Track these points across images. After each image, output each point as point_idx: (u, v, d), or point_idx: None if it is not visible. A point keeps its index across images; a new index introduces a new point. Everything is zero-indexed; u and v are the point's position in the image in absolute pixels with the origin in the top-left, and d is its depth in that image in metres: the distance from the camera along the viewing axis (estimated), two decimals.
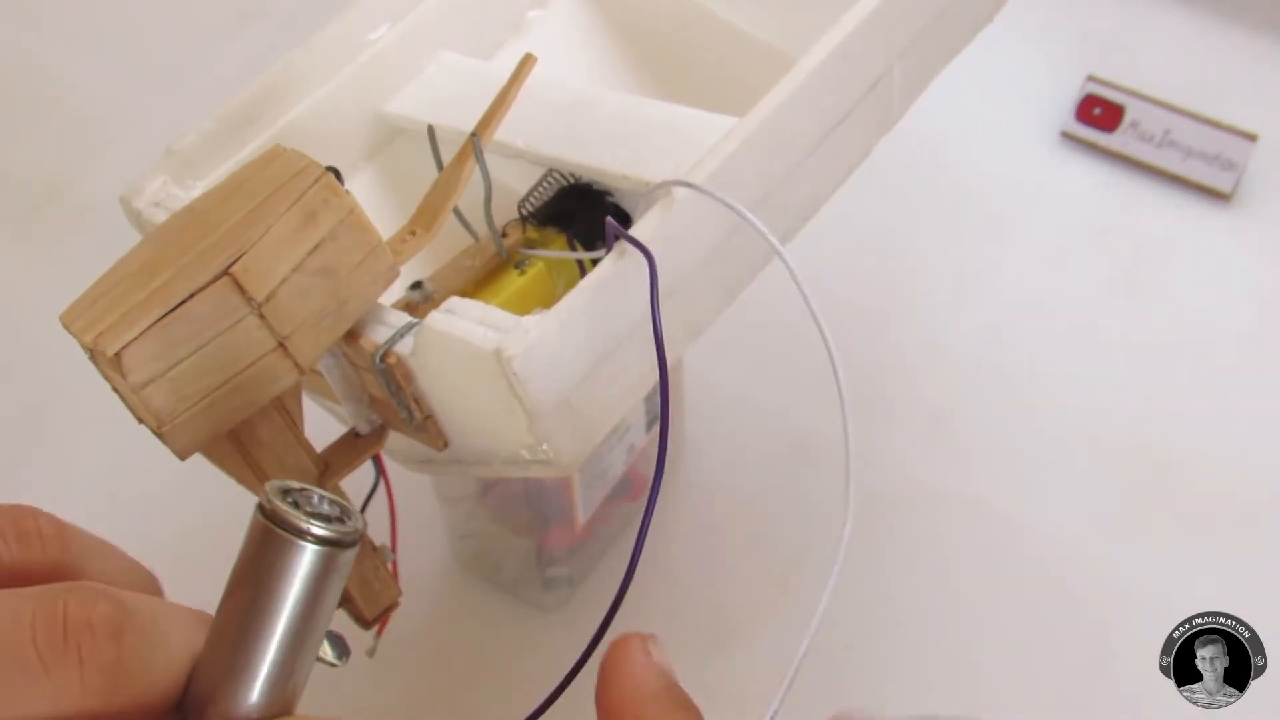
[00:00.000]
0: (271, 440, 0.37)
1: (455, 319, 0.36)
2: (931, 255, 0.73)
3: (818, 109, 0.43)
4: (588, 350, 0.37)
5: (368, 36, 0.49)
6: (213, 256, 0.34)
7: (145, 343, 0.33)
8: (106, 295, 0.34)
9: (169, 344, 0.33)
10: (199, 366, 0.33)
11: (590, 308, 0.36)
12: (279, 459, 0.38)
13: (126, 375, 0.33)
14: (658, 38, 0.57)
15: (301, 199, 0.35)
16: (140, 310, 0.33)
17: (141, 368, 0.33)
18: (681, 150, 0.44)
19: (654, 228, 0.37)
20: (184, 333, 0.33)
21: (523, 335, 0.35)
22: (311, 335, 0.35)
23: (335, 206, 0.35)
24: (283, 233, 0.34)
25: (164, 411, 0.34)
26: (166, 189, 0.44)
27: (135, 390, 0.33)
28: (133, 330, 0.33)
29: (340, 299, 0.36)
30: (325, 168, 0.37)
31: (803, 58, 0.41)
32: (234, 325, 0.33)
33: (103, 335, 0.33)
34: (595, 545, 0.61)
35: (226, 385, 0.34)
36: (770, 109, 0.40)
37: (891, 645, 0.59)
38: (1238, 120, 0.75)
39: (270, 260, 0.34)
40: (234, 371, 0.34)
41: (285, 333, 0.34)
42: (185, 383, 0.33)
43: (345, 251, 0.36)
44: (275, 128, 0.47)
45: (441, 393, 0.38)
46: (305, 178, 0.35)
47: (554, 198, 0.49)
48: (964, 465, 0.65)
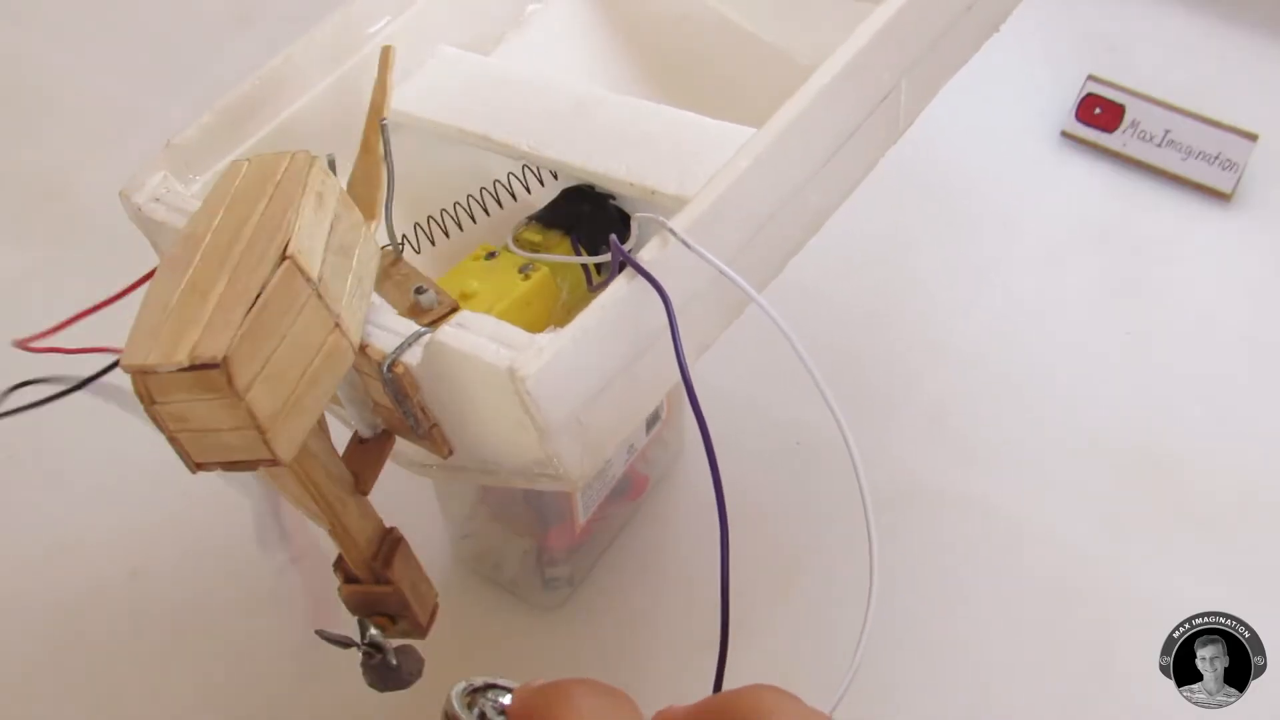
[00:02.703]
0: (318, 450, 0.37)
1: (467, 334, 0.36)
2: (932, 254, 0.73)
3: (827, 126, 0.42)
4: (599, 369, 0.37)
5: (367, 30, 0.49)
6: (263, 249, 0.33)
7: (245, 344, 0.31)
8: (164, 325, 0.32)
9: (261, 338, 0.32)
10: (286, 358, 0.33)
11: (602, 328, 0.36)
12: (326, 470, 0.38)
13: (235, 379, 0.31)
14: (657, 31, 0.56)
15: (308, 182, 0.35)
16: (222, 316, 0.31)
17: (246, 369, 0.31)
18: (687, 159, 0.44)
19: (655, 253, 0.37)
20: (269, 325, 0.32)
21: (536, 354, 0.34)
22: (351, 311, 0.35)
23: (333, 185, 0.36)
24: (310, 214, 0.34)
25: (267, 412, 0.32)
26: (167, 183, 0.43)
27: (243, 393, 0.31)
28: (228, 333, 0.31)
29: (358, 276, 0.36)
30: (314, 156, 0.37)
31: (813, 75, 0.41)
32: (302, 309, 0.33)
33: (199, 345, 0.31)
34: (595, 545, 0.61)
35: (307, 374, 0.33)
36: (780, 127, 0.40)
37: (891, 644, 0.59)
38: (1238, 120, 0.75)
39: (310, 239, 0.34)
40: (311, 357, 0.34)
41: (337, 311, 0.34)
42: (278, 378, 0.32)
43: (349, 230, 0.36)
44: (275, 122, 0.46)
45: (450, 404, 0.38)
46: (299, 163, 0.35)
47: (557, 200, 0.49)
48: (964, 465, 0.65)
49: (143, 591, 0.62)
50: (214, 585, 0.61)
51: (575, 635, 0.59)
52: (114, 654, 0.60)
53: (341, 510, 0.38)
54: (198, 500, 0.63)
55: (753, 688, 0.30)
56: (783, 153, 0.40)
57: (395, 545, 0.40)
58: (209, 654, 0.59)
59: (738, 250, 0.40)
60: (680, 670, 0.58)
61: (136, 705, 0.58)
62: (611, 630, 0.59)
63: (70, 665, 0.60)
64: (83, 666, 0.60)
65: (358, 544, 0.39)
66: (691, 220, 0.38)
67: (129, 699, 0.59)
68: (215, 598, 0.60)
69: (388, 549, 0.40)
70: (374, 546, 0.40)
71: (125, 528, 0.64)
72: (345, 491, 0.38)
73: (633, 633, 0.60)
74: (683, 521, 0.63)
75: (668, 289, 0.36)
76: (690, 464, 0.65)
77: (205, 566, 0.61)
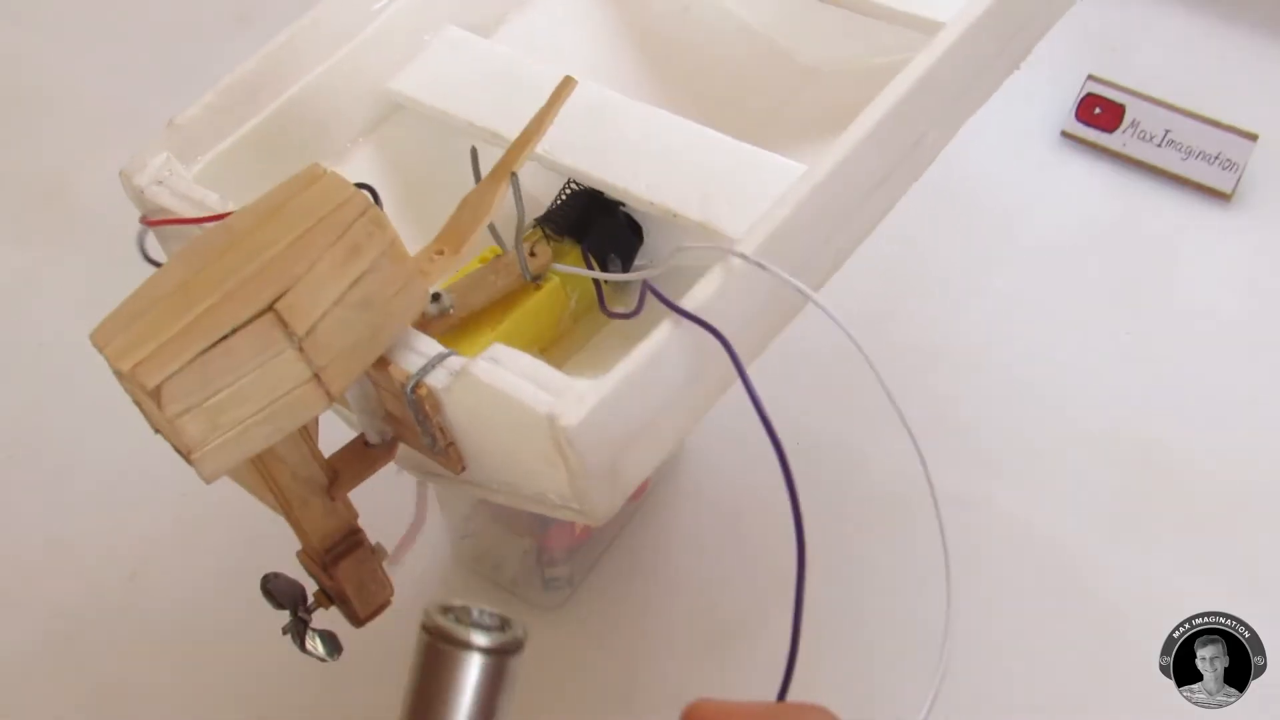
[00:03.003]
0: (287, 455, 0.37)
1: (502, 371, 0.35)
2: (932, 254, 0.73)
3: (864, 173, 0.42)
4: (639, 416, 0.37)
5: (370, 9, 0.48)
6: (258, 289, 0.33)
7: (185, 376, 0.32)
8: (142, 318, 0.33)
9: (208, 377, 0.32)
10: (235, 397, 0.33)
11: (642, 376, 0.36)
12: (292, 472, 0.38)
13: (164, 408, 0.32)
14: (659, 15, 0.56)
15: (347, 233, 0.34)
16: (180, 342, 0.32)
17: (179, 400, 0.32)
18: (709, 182, 0.43)
19: (710, 296, 0.37)
20: (223, 365, 0.32)
21: (578, 402, 0.34)
22: (345, 365, 0.35)
23: (378, 239, 0.35)
24: (328, 268, 0.34)
25: (195, 440, 0.33)
26: (169, 165, 0.43)
27: (170, 420, 0.32)
28: (173, 364, 0.32)
29: (375, 327, 0.35)
30: (360, 187, 0.36)
31: (851, 124, 0.41)
32: (275, 357, 0.33)
33: (142, 366, 0.32)
34: (595, 545, 0.61)
35: (259, 414, 0.34)
36: (823, 174, 0.40)
37: (891, 644, 0.59)
38: (1238, 120, 0.75)
39: (314, 296, 0.33)
40: (268, 401, 0.34)
41: (321, 364, 0.34)
42: (220, 412, 0.33)
43: (384, 283, 0.35)
44: (278, 102, 0.46)
45: (474, 431, 0.38)
46: (350, 210, 0.35)
47: (567, 204, 0.48)
48: (964, 464, 0.65)
49: (142, 594, 0.62)
50: (214, 587, 0.61)
51: (575, 635, 0.59)
52: (114, 655, 0.60)
53: (300, 508, 0.38)
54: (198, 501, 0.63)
55: (812, 708, 0.31)
56: (822, 201, 0.40)
57: (351, 549, 0.40)
58: (209, 655, 0.59)
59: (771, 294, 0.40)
60: (680, 670, 0.58)
61: (137, 706, 0.58)
62: (611, 630, 0.59)
63: (70, 666, 0.60)
64: (83, 667, 0.60)
65: (310, 540, 0.40)
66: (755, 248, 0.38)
67: (129, 700, 0.59)
68: (215, 599, 0.60)
69: (342, 550, 0.40)
70: (328, 544, 0.40)
71: (125, 529, 0.64)
72: (311, 493, 0.38)
73: (633, 633, 0.60)
74: (683, 522, 0.63)
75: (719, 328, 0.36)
76: (690, 464, 0.65)
77: (205, 568, 0.61)
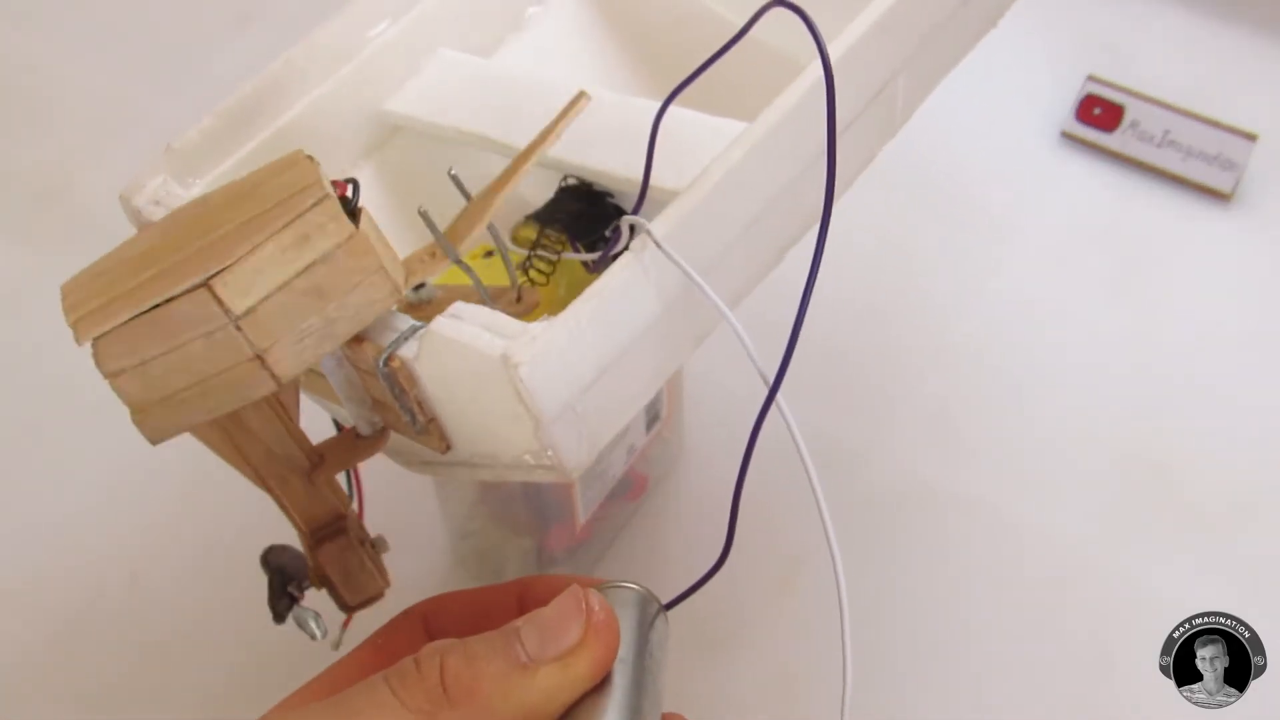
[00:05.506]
0: (260, 429, 0.38)
1: (461, 324, 0.36)
2: (932, 255, 0.73)
3: (820, 119, 0.42)
4: (594, 357, 0.37)
5: (367, 33, 0.49)
6: (199, 263, 0.34)
7: (116, 337, 0.34)
8: (104, 276, 0.35)
9: (138, 342, 0.34)
10: (168, 365, 0.34)
11: (597, 315, 0.36)
12: (267, 449, 0.38)
13: (100, 365, 0.34)
14: (656, 35, 0.56)
15: (297, 220, 0.34)
16: (120, 303, 0.34)
17: (113, 359, 0.34)
18: (683, 153, 0.44)
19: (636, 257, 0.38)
20: (155, 333, 0.34)
21: (530, 342, 0.34)
22: (293, 350, 0.35)
23: (332, 232, 0.35)
24: (272, 251, 0.34)
25: (135, 399, 0.35)
26: (166, 187, 0.44)
27: (108, 378, 0.34)
28: (108, 323, 0.34)
29: (329, 318, 0.35)
30: (347, 180, 0.36)
31: (806, 68, 0.41)
32: (210, 333, 0.34)
33: (81, 320, 0.34)
34: (595, 545, 0.61)
35: (197, 386, 0.34)
36: (773, 119, 0.40)
37: (890, 644, 0.59)
38: (1238, 120, 0.75)
39: (253, 277, 0.34)
40: (204, 375, 0.34)
41: (264, 346, 0.34)
42: (155, 378, 0.34)
43: (340, 275, 0.35)
44: (276, 125, 0.46)
45: (446, 397, 0.38)
46: (306, 198, 0.35)
47: (555, 199, 0.49)
48: (964, 464, 0.65)
49: (143, 595, 0.62)
50: (214, 588, 0.61)
51: None
52: (114, 656, 0.60)
53: (280, 487, 0.39)
54: (200, 502, 0.64)
55: None
56: (776, 145, 0.40)
57: (334, 536, 0.41)
58: (209, 658, 0.59)
59: (730, 245, 0.40)
60: (680, 670, 0.58)
61: (137, 706, 0.58)
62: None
63: (71, 666, 0.60)
64: (83, 667, 0.60)
65: (295, 522, 0.40)
66: (680, 217, 0.38)
67: (129, 700, 0.59)
68: (216, 601, 0.60)
69: (325, 537, 0.41)
70: (313, 525, 0.40)
71: (126, 530, 0.64)
72: (290, 472, 0.39)
73: None
74: (683, 521, 0.63)
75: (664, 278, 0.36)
76: (690, 464, 0.65)
77: (206, 569, 0.62)
